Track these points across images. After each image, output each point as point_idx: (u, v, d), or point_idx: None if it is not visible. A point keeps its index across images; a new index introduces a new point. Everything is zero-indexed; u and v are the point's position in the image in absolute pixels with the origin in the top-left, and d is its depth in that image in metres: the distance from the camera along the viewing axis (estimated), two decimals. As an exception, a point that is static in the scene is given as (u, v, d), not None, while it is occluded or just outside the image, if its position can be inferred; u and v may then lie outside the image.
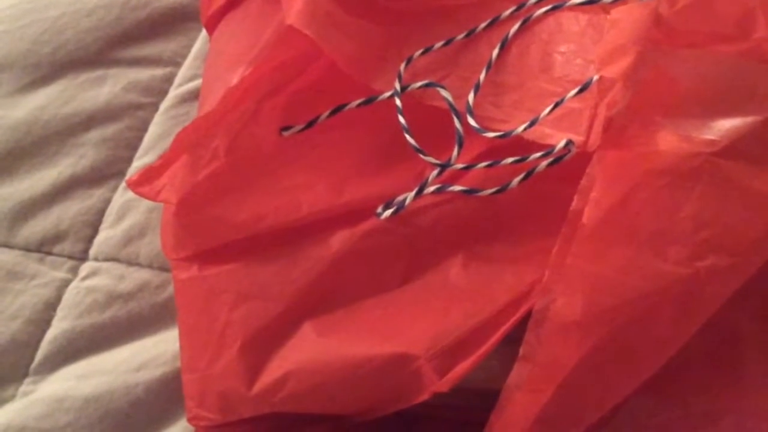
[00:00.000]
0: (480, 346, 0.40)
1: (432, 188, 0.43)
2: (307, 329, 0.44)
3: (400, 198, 0.43)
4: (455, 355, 0.41)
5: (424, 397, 0.41)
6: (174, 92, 0.65)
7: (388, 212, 0.43)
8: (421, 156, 0.42)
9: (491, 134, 0.41)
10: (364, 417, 0.45)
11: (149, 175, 0.46)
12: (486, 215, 0.43)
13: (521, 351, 0.38)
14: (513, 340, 0.40)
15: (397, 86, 0.42)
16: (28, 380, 0.54)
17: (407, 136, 0.42)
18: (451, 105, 0.41)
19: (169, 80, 0.66)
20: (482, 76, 0.43)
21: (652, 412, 0.40)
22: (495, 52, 0.44)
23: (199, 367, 0.45)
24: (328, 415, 0.45)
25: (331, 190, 0.45)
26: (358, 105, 0.44)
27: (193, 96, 0.64)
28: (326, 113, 0.44)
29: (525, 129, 0.40)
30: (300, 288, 0.44)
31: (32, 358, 0.54)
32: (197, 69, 0.66)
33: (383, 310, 0.43)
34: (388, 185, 0.44)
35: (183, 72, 0.66)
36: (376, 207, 0.44)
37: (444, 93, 0.42)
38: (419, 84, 0.43)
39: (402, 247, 0.44)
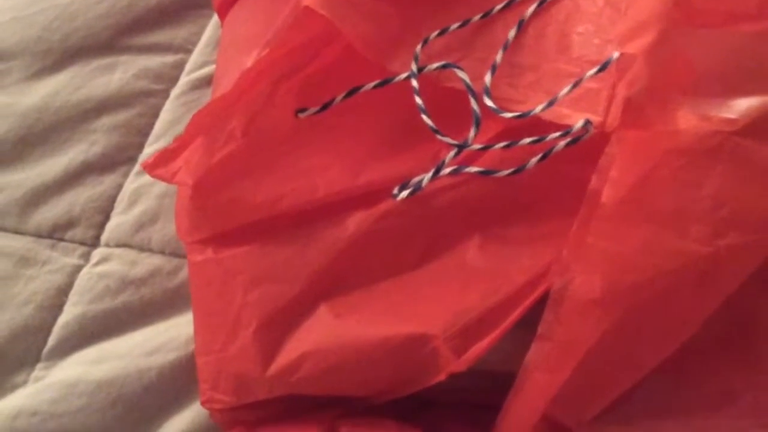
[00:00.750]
0: (497, 326, 0.40)
1: (448, 169, 0.43)
2: (323, 311, 0.44)
3: (417, 179, 0.43)
4: (472, 334, 0.40)
5: (441, 377, 0.41)
6: (185, 79, 0.65)
7: (405, 193, 0.42)
8: (438, 136, 0.42)
9: (509, 114, 0.41)
10: (379, 399, 0.44)
11: (165, 157, 0.46)
12: (502, 197, 0.43)
13: (539, 330, 0.38)
14: (526, 322, 0.40)
15: (414, 67, 0.42)
16: (40, 365, 0.54)
17: (424, 117, 0.42)
18: (468, 86, 0.41)
19: (179, 67, 0.66)
20: (499, 57, 0.43)
21: (669, 392, 0.40)
22: (511, 33, 0.44)
23: (213, 350, 0.45)
24: (342, 397, 0.45)
25: (348, 172, 0.45)
26: (374, 86, 0.44)
27: (205, 82, 0.64)
28: (342, 95, 0.44)
29: (543, 109, 0.40)
30: (316, 270, 0.44)
31: (44, 344, 0.55)
32: (208, 55, 0.65)
33: (400, 291, 0.43)
34: (404, 167, 0.44)
35: (194, 58, 0.66)
36: (392, 188, 0.44)
37: (461, 74, 0.41)
38: (436, 65, 0.43)
39: (418, 228, 0.44)
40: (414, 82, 0.42)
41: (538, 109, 0.40)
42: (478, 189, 0.43)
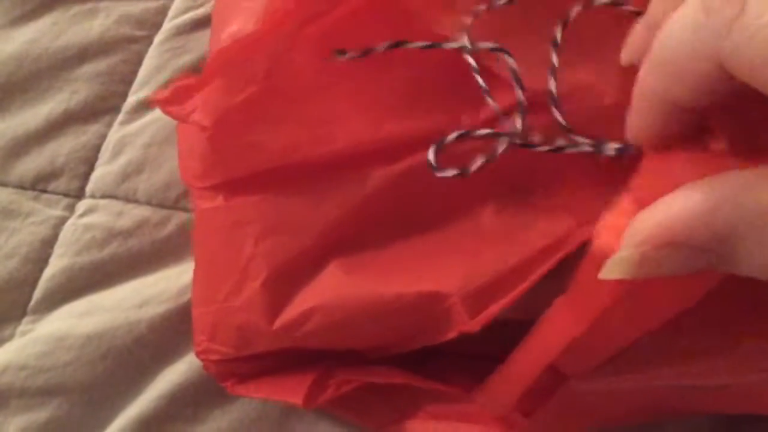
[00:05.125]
0: (511, 289, 0.39)
1: (483, 132, 0.41)
2: (333, 267, 0.42)
3: (477, 161, 0.40)
4: (487, 296, 0.40)
5: (452, 335, 0.41)
6: (168, 24, 0.63)
7: (451, 173, 0.40)
8: (489, 101, 0.40)
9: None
10: (383, 353, 0.44)
11: (181, 93, 0.44)
12: (523, 163, 0.42)
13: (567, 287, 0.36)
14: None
15: (467, 42, 0.40)
16: (26, 319, 0.53)
17: (477, 78, 0.40)
18: (515, 75, 0.39)
19: (162, 12, 0.64)
20: (554, 59, 0.40)
21: (668, 341, 0.39)
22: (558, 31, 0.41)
23: (216, 300, 0.44)
24: (342, 350, 0.44)
25: (369, 124, 0.43)
26: (422, 47, 0.41)
27: (189, 28, 0.62)
28: (385, 44, 0.42)
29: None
30: (330, 224, 0.43)
31: (30, 297, 0.54)
32: (192, 0, 0.64)
33: (412, 251, 0.42)
34: (428, 123, 0.42)
35: (177, 3, 0.64)
36: (414, 145, 0.42)
37: (510, 61, 0.39)
38: (488, 45, 0.40)
39: (435, 189, 0.42)
40: (470, 60, 0.40)
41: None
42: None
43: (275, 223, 0.43)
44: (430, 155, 0.40)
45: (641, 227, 0.28)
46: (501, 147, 0.40)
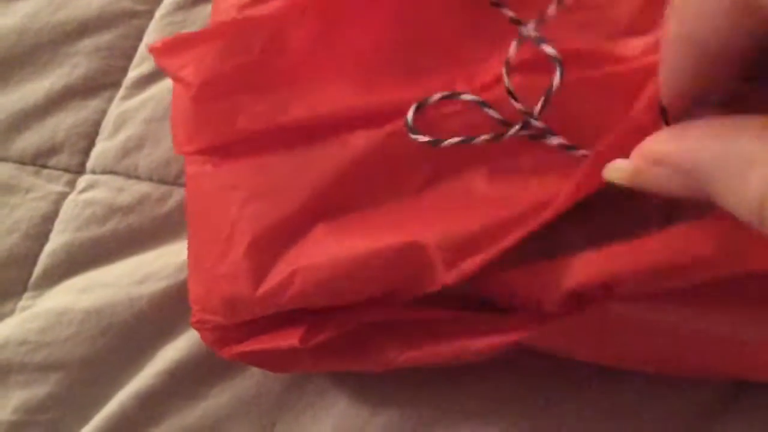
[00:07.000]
0: (493, 244, 0.38)
1: (470, 97, 0.41)
2: (319, 231, 0.42)
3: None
4: (467, 249, 0.39)
5: (433, 287, 0.40)
6: (169, -1, 0.62)
7: (452, 141, 0.40)
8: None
9: None
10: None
11: (175, 45, 0.43)
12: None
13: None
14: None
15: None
16: (27, 295, 0.53)
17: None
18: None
19: (164, -13, 0.63)
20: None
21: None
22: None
23: (204, 268, 0.43)
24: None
25: (357, 89, 0.43)
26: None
27: (190, 2, 0.61)
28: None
29: None
30: (316, 188, 0.42)
31: (31, 273, 0.53)
32: (193, -25, 0.63)
33: (400, 213, 0.41)
34: (416, 91, 0.42)
35: (178, -22, 0.63)
36: (402, 110, 0.41)
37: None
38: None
39: (425, 152, 0.41)
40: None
41: None
42: (491, 118, 0.42)
43: (261, 188, 0.43)
44: (410, 115, 0.40)
45: (644, 145, 0.31)
46: (480, 138, 0.40)
